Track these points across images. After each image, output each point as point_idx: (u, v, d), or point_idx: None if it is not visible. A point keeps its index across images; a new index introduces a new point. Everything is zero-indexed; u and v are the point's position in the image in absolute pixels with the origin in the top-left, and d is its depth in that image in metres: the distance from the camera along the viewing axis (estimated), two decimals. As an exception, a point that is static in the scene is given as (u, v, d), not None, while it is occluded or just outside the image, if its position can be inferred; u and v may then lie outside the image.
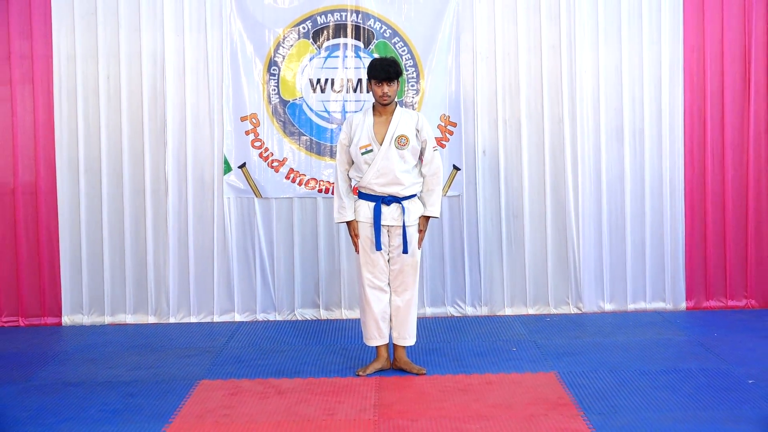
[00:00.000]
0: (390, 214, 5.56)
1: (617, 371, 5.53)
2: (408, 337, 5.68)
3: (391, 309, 5.65)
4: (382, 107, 5.55)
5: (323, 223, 7.05)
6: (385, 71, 5.44)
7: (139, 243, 7.06)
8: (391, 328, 5.68)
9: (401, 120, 5.54)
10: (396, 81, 5.48)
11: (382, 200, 5.56)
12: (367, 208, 5.59)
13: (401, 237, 5.56)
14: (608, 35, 7.02)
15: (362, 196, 5.63)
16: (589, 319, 6.96)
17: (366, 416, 4.84)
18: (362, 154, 5.53)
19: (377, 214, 5.54)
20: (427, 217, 5.67)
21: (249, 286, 7.12)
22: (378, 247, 5.55)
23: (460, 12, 6.97)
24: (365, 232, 5.60)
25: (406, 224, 5.56)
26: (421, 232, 5.66)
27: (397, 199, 5.56)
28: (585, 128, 7.05)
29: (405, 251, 5.57)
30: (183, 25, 6.95)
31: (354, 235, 5.64)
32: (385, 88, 5.46)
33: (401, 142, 5.50)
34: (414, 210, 5.60)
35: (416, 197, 5.65)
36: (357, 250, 5.65)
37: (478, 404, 4.99)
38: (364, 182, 5.57)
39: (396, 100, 5.57)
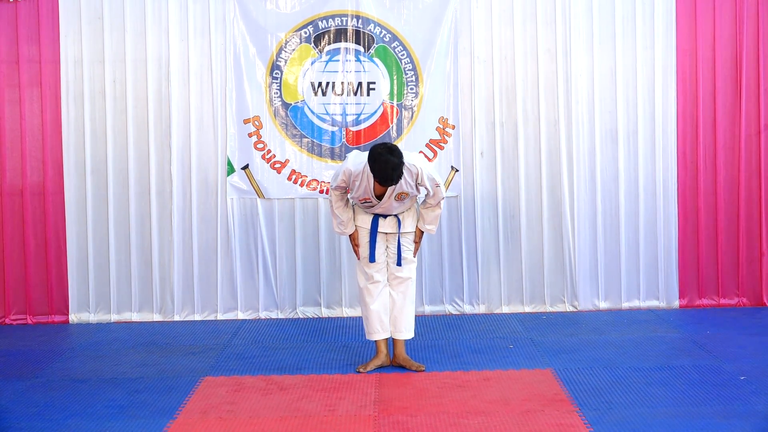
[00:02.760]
0: (387, 223, 5.63)
1: (612, 368, 5.54)
2: (405, 330, 5.68)
3: (389, 302, 5.68)
4: None
5: (324, 223, 7.08)
6: (387, 179, 5.26)
7: (144, 243, 7.09)
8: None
9: (401, 183, 5.39)
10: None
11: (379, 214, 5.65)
12: (365, 214, 5.67)
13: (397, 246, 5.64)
14: (603, 40, 7.05)
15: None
16: (584, 317, 6.98)
17: (366, 412, 4.87)
18: (361, 203, 5.60)
19: (374, 225, 5.62)
20: (423, 231, 5.74)
21: (252, 284, 7.16)
22: (371, 260, 5.60)
23: (458, 17, 7.01)
24: (365, 237, 5.66)
25: (401, 231, 5.62)
26: (416, 243, 5.71)
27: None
28: (580, 130, 7.08)
29: (398, 264, 5.63)
30: (187, 30, 6.98)
31: (355, 245, 5.71)
32: (384, 188, 5.41)
33: (401, 197, 5.49)
34: (410, 220, 5.67)
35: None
36: (359, 258, 5.70)
37: (475, 400, 5.02)
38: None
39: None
